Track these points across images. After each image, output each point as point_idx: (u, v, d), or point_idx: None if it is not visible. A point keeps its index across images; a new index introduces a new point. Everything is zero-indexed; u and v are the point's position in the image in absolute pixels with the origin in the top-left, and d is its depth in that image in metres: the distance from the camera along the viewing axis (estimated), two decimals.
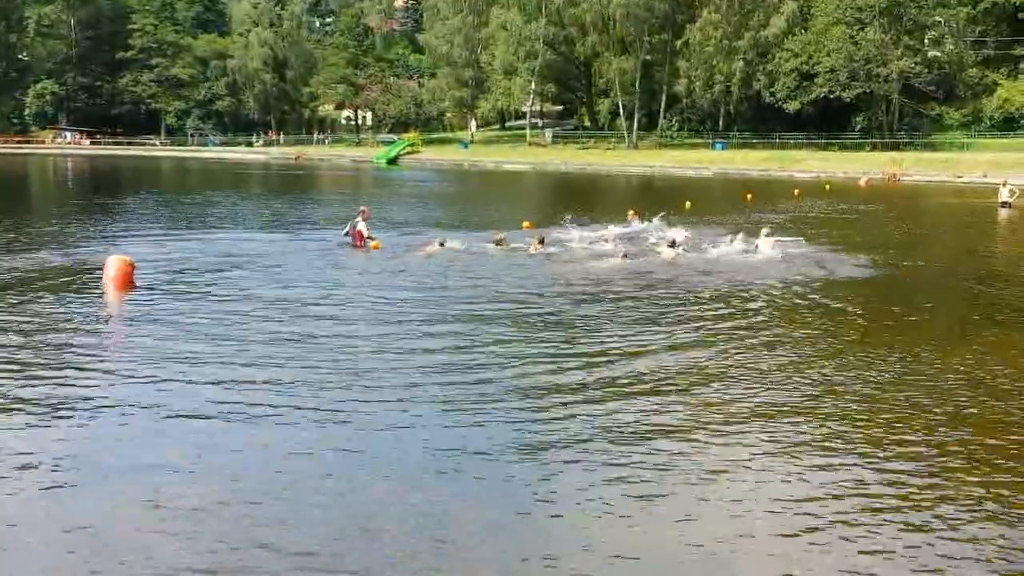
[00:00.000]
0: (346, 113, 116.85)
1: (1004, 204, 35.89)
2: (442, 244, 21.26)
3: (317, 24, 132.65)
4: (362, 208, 22.52)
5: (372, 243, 21.42)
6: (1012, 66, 71.51)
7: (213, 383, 9.78)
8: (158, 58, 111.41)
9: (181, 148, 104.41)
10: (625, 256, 19.84)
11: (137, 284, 15.44)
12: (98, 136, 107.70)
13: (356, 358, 10.95)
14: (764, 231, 21.90)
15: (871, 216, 34.16)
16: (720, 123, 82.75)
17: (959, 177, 55.97)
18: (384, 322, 13.14)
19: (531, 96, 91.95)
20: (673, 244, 20.74)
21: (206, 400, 9.21)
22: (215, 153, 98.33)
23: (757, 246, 21.08)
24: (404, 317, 13.52)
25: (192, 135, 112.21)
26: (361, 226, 21.31)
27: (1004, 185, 37.11)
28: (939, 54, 71.46)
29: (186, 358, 10.70)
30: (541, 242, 21.17)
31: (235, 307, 13.97)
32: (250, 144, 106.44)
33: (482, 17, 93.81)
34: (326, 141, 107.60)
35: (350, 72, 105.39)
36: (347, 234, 21.63)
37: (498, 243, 21.50)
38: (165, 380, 9.85)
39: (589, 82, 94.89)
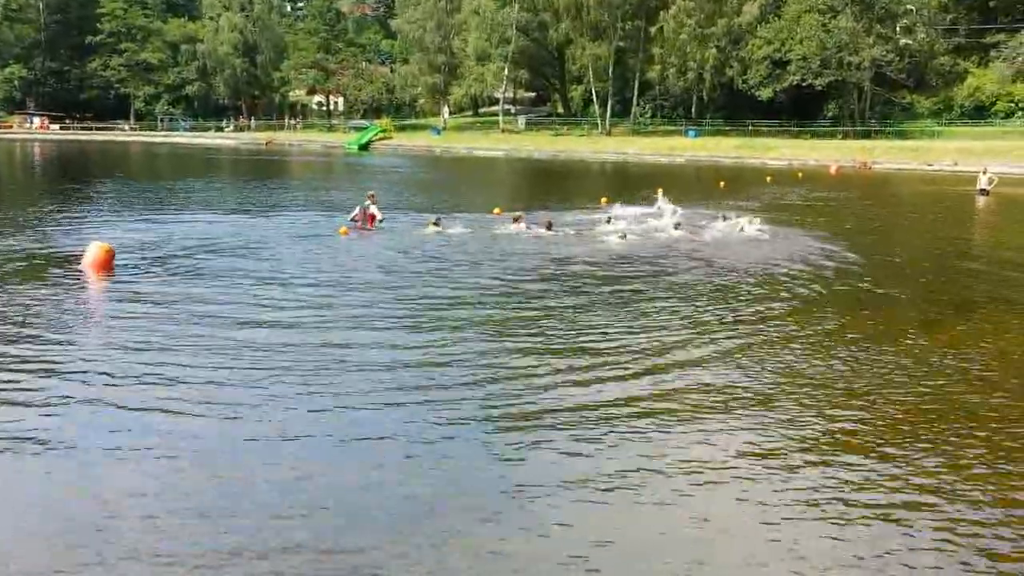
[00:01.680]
0: (318, 98, 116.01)
1: (982, 191, 36.22)
2: (436, 223, 21.95)
3: (288, 8, 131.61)
4: (371, 192, 23.51)
5: (340, 230, 21.37)
6: (983, 54, 71.95)
7: (191, 367, 9.70)
8: (127, 43, 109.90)
9: (150, 133, 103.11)
10: (624, 236, 20.80)
11: (116, 270, 15.39)
12: (67, 121, 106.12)
13: (331, 341, 10.91)
14: (746, 218, 23.22)
15: (843, 203, 34.31)
16: (693, 110, 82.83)
17: (929, 165, 56.33)
18: (367, 304, 13.21)
19: (504, 82, 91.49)
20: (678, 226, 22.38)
21: (180, 386, 9.07)
22: (185, 138, 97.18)
23: (742, 228, 22.33)
24: (388, 297, 13.75)
25: (162, 120, 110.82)
26: (373, 209, 22.29)
27: (984, 173, 37.57)
28: (910, 42, 71.74)
29: (168, 343, 10.67)
30: (549, 226, 22.07)
31: (216, 292, 13.96)
32: (220, 129, 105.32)
33: (454, 2, 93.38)
34: (297, 126, 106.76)
35: (321, 57, 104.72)
36: (354, 219, 22.29)
37: (516, 220, 22.35)
38: (146, 364, 9.77)
39: (562, 68, 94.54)
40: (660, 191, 30.64)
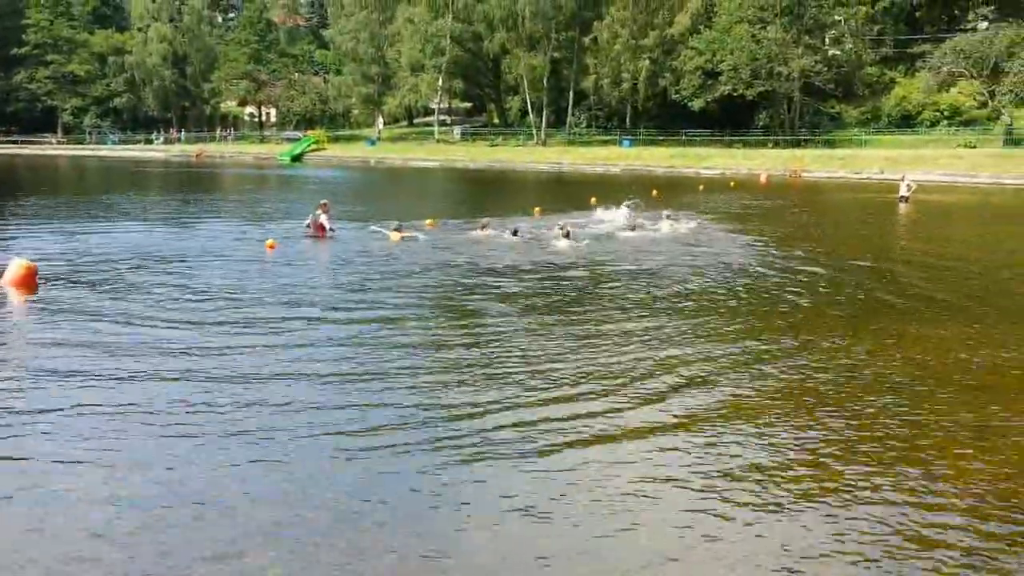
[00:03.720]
0: (249, 110, 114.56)
1: (903, 199, 36.85)
2: (398, 230, 22.26)
3: (219, 19, 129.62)
4: (323, 202, 23.44)
5: (268, 242, 20.89)
6: (909, 64, 73.41)
7: (113, 390, 9.28)
8: (54, 54, 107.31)
9: (79, 146, 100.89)
10: (567, 235, 21.60)
11: (39, 288, 14.76)
12: None
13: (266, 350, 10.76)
14: (665, 212, 25.59)
15: (771, 210, 34.62)
16: (628, 120, 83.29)
17: (857, 173, 57.18)
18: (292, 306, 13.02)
19: (439, 93, 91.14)
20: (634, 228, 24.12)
21: (102, 409, 8.67)
22: (114, 151, 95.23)
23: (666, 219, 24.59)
24: (315, 303, 13.85)
25: (90, 133, 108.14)
26: (323, 219, 22.27)
27: (903, 180, 38.31)
28: (839, 53, 73.03)
29: (95, 358, 10.36)
30: (484, 227, 23.26)
31: (142, 305, 13.56)
32: (150, 141, 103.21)
33: (388, 13, 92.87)
34: (229, 138, 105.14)
35: (253, 68, 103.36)
36: (308, 226, 22.52)
37: (483, 227, 23.28)
38: (66, 386, 9.37)
39: (498, 79, 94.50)
40: (593, 200, 30.65)
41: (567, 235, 21.62)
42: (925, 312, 13.98)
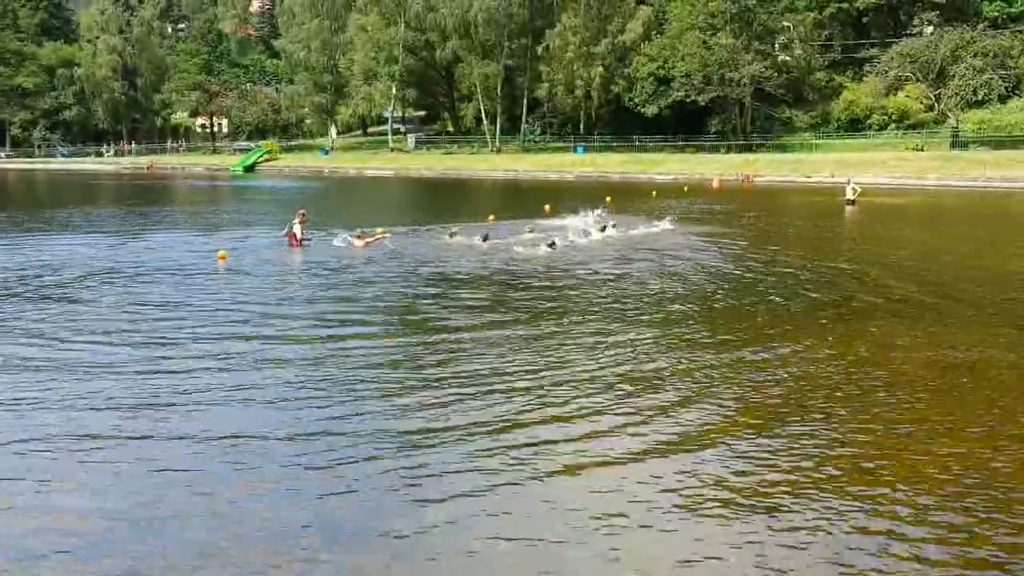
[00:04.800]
0: (201, 121, 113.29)
1: (850, 202, 37.32)
2: (360, 236, 22.65)
3: (169, 30, 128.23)
4: (301, 211, 23.37)
5: (219, 254, 20.60)
6: (857, 69, 74.56)
7: (58, 409, 9.04)
8: (1, 67, 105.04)
9: (27, 160, 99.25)
10: (552, 245, 21.86)
11: None
12: None
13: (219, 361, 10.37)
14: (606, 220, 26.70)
15: (721, 214, 34.78)
16: (581, 127, 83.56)
17: (808, 177, 57.82)
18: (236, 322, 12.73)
19: (392, 101, 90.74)
20: (604, 229, 25.36)
21: (46, 429, 8.44)
22: (63, 164, 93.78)
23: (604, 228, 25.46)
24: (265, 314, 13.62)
25: (39, 146, 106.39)
26: (296, 229, 22.38)
27: (848, 184, 38.86)
28: (788, 58, 73.94)
29: (35, 386, 9.92)
30: (452, 235, 23.87)
31: (84, 320, 13.31)
32: (100, 154, 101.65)
33: (339, 21, 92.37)
34: (180, 150, 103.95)
35: (203, 79, 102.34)
36: (285, 235, 22.80)
37: (452, 235, 23.87)
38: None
39: (451, 87, 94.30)
40: (547, 208, 30.61)
41: (551, 245, 21.85)
42: (879, 314, 14.05)
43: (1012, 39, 66.81)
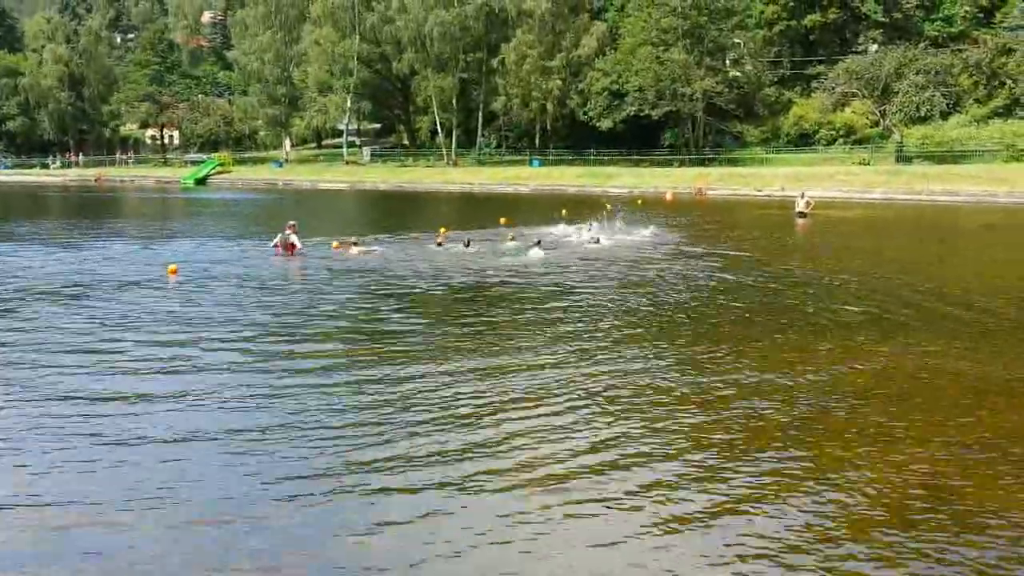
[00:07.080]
0: (151, 132, 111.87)
1: (801, 214, 37.91)
2: (355, 243, 24.12)
3: (118, 40, 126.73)
4: (292, 223, 24.18)
5: (170, 267, 20.47)
6: (805, 85, 75.85)
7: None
8: None
9: None
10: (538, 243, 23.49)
11: None
12: None
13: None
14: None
15: (684, 227, 35.17)
16: (537, 140, 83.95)
17: (759, 191, 58.61)
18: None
19: (347, 114, 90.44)
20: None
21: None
22: (7, 176, 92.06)
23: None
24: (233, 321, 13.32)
25: None
26: (293, 238, 23.44)
27: (801, 197, 39.44)
28: (739, 74, 74.99)
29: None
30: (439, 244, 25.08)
31: (36, 338, 13.11)
32: (45, 166, 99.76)
33: (293, 33, 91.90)
34: (129, 161, 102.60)
35: (154, 90, 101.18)
36: (275, 246, 23.63)
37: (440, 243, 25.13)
38: None
39: (407, 100, 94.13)
40: (503, 220, 30.75)
41: (538, 243, 23.53)
42: (833, 327, 14.36)
43: (952, 57, 68.40)
